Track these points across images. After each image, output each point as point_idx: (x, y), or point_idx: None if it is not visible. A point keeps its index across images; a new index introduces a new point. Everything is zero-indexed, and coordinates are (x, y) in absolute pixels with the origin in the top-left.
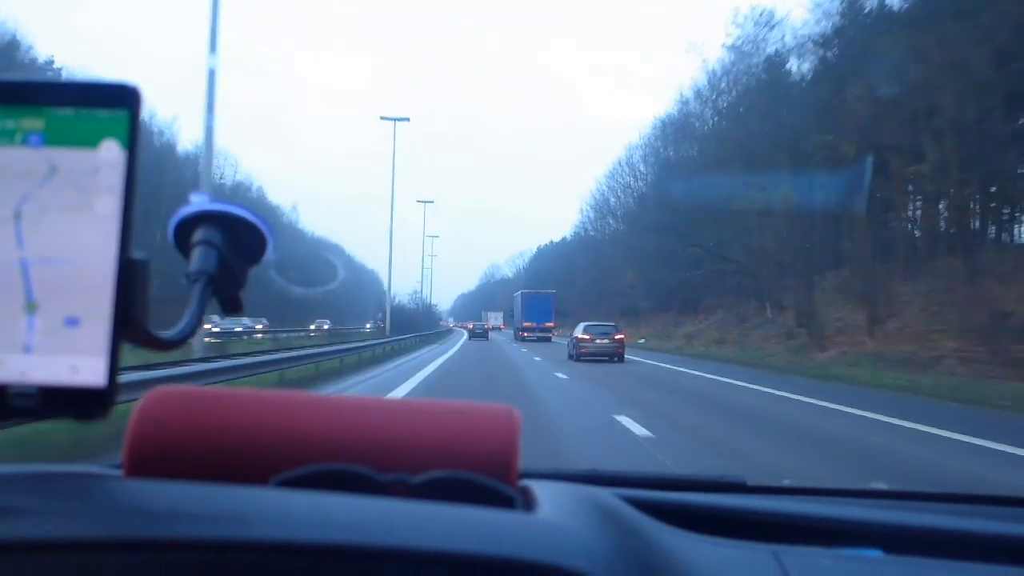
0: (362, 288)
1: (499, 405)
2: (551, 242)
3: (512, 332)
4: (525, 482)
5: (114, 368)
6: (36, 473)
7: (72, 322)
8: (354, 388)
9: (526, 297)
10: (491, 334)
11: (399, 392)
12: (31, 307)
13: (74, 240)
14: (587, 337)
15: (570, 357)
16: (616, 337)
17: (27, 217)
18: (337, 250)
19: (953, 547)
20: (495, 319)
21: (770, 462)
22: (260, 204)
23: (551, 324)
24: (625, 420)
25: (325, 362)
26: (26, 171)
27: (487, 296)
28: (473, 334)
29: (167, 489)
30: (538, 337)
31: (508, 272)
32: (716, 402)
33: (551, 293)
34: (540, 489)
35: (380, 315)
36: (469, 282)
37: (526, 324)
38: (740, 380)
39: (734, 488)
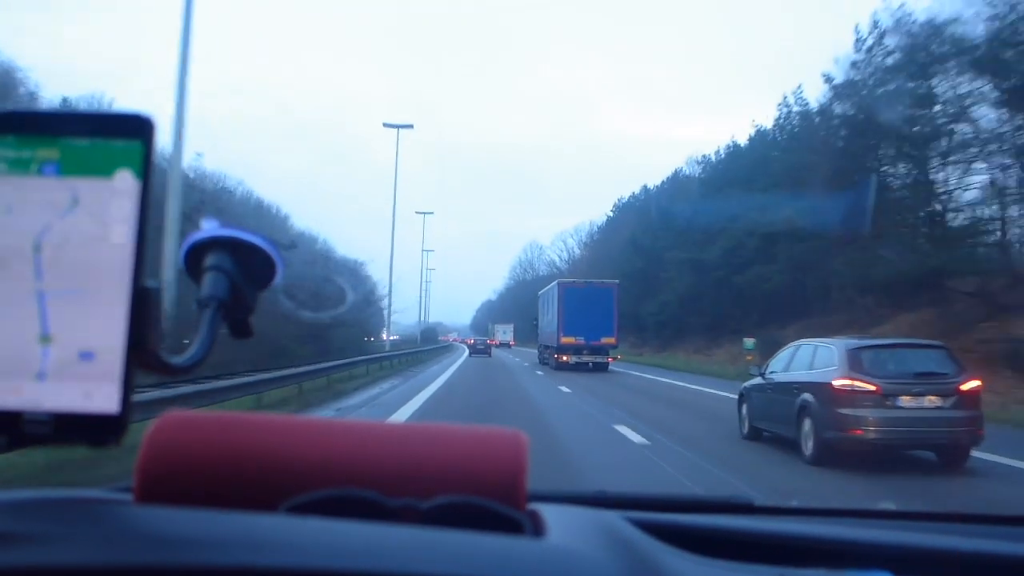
0: (369, 304)
1: (506, 428)
2: (643, 189)
3: (536, 353)
4: (533, 505)
5: (128, 395)
6: (47, 499)
7: (86, 355)
8: None
9: (567, 293)
10: (501, 353)
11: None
12: (46, 339)
13: (90, 271)
14: (872, 389)
15: (756, 429)
16: (964, 387)
17: (47, 249)
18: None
19: (962, 568)
20: (503, 333)
21: None
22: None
23: (610, 340)
24: None
25: None
26: (46, 202)
27: (522, 299)
28: (474, 350)
29: (178, 515)
30: (577, 363)
31: (554, 256)
32: None
33: (611, 285)
34: (549, 513)
35: None
36: (500, 285)
37: (566, 340)
38: None
39: (742, 509)
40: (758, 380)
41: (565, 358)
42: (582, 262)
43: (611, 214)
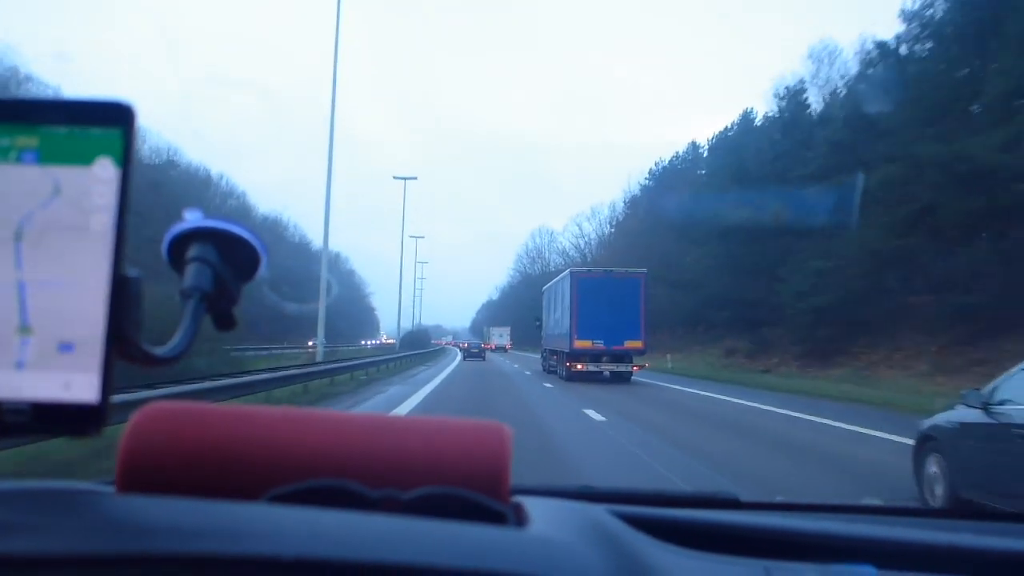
0: (354, 302)
1: (490, 421)
2: (691, 146)
3: (540, 359)
4: (517, 498)
5: (107, 384)
6: (28, 489)
7: (66, 347)
8: None
9: (582, 285)
10: (497, 359)
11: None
12: (25, 330)
13: (70, 260)
14: None
15: (964, 501)
16: None
17: (28, 238)
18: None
19: (945, 562)
20: (499, 336)
21: None
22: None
23: (636, 344)
24: None
25: None
26: (26, 190)
27: (526, 297)
28: (468, 354)
29: (159, 504)
30: (590, 372)
31: (567, 243)
32: None
33: (638, 275)
34: (532, 505)
35: None
36: (504, 281)
37: (581, 344)
38: None
39: (727, 504)
40: (972, 414)
41: (580, 366)
42: (606, 246)
43: (645, 182)
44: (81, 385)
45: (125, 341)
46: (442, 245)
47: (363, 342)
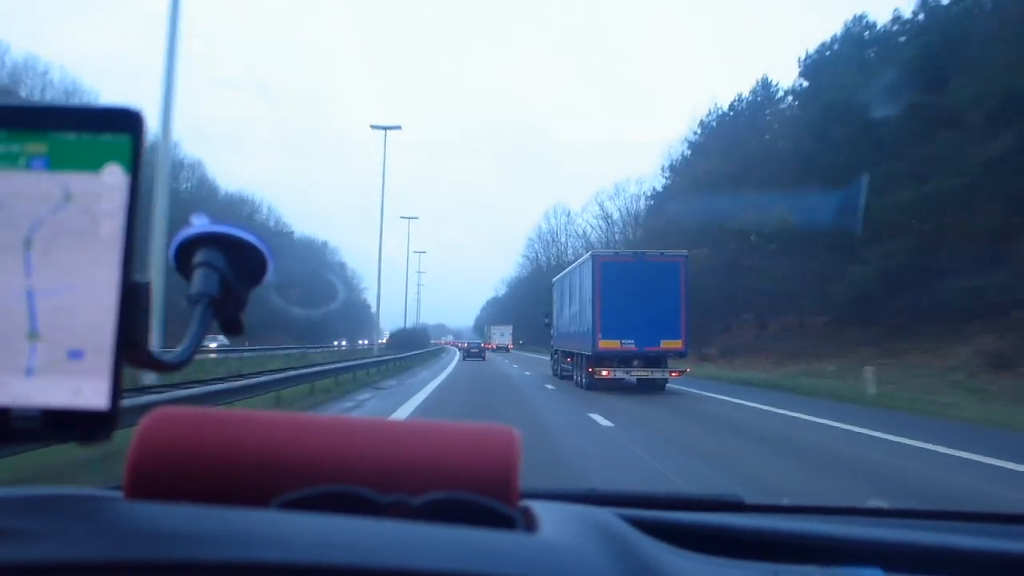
0: (351, 303)
1: (499, 425)
2: (759, 86)
3: (550, 361)
4: (525, 502)
5: (117, 390)
6: (36, 496)
7: (75, 354)
8: None
9: (607, 272)
10: (499, 360)
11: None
12: (34, 337)
13: (80, 267)
14: None
15: None
16: None
17: (37, 244)
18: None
19: (952, 565)
20: (501, 335)
21: None
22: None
23: (675, 344)
24: None
25: None
26: (35, 196)
27: (538, 288)
28: (468, 354)
29: (168, 511)
30: (615, 378)
31: (585, 225)
32: None
33: (677, 259)
34: (540, 509)
35: None
36: (512, 273)
37: (606, 344)
38: None
39: (733, 507)
40: None
41: (605, 372)
42: (652, 214)
43: (694, 137)
44: (90, 391)
45: (134, 347)
46: (448, 245)
47: (335, 343)
